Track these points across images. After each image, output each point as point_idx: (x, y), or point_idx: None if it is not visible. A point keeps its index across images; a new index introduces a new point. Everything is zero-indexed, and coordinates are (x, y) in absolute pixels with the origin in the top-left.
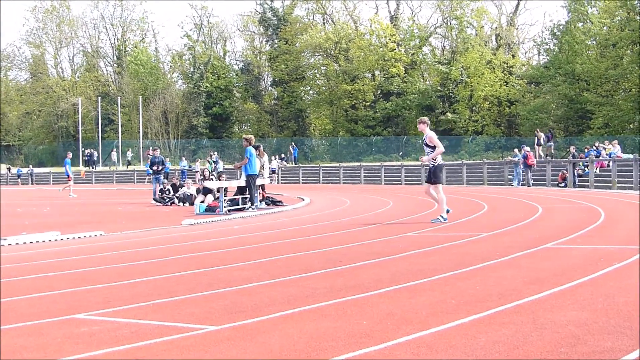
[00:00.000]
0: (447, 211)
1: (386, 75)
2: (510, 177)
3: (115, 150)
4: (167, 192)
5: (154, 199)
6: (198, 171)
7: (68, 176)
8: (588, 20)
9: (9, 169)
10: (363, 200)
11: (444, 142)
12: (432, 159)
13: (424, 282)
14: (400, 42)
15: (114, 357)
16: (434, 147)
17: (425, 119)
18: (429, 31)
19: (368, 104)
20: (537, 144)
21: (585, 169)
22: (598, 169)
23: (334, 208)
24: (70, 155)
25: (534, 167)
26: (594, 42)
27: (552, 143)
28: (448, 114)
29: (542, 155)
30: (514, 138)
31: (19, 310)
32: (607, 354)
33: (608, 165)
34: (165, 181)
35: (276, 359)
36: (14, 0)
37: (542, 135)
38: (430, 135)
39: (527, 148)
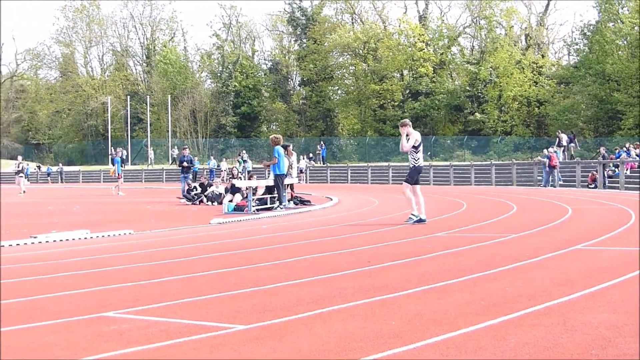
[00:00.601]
0: (415, 217)
1: (415, 75)
2: (540, 177)
3: (151, 148)
4: (194, 190)
5: (183, 196)
6: (224, 171)
7: (118, 175)
8: (619, 20)
9: (39, 167)
10: (391, 200)
11: (472, 143)
12: (413, 158)
13: (453, 283)
14: (429, 42)
15: (143, 355)
16: (416, 147)
17: (408, 120)
18: (457, 31)
19: (396, 103)
20: (558, 145)
21: (616, 170)
22: (628, 170)
23: (362, 208)
24: (120, 153)
25: (558, 168)
26: (625, 42)
27: (574, 144)
28: (477, 114)
29: (566, 156)
30: (543, 138)
31: (49, 308)
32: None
33: (639, 167)
34: (190, 181)
35: (305, 359)
36: None
37: (564, 137)
38: (415, 136)
39: (551, 149)
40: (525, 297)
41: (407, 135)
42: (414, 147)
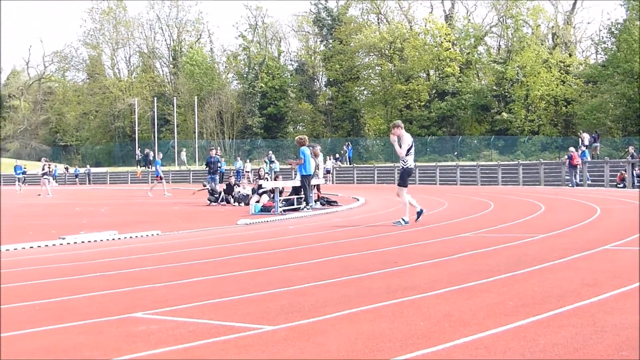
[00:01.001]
0: (405, 221)
1: (441, 75)
2: (567, 177)
3: (183, 150)
4: (217, 194)
5: (207, 199)
6: (249, 171)
7: (158, 176)
8: None
9: (66, 168)
10: (418, 201)
11: (499, 142)
12: (403, 160)
13: (481, 284)
14: (455, 42)
15: (172, 356)
16: (408, 150)
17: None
18: (484, 30)
19: (423, 103)
20: (580, 145)
21: None
22: None
23: (388, 208)
24: (160, 155)
25: (579, 168)
26: None
27: (598, 144)
28: (504, 113)
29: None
30: (570, 138)
31: (79, 309)
32: None
33: None
34: (213, 184)
35: None
36: (72, 0)
37: (586, 137)
38: (405, 138)
39: (572, 149)
40: (554, 298)
41: (398, 138)
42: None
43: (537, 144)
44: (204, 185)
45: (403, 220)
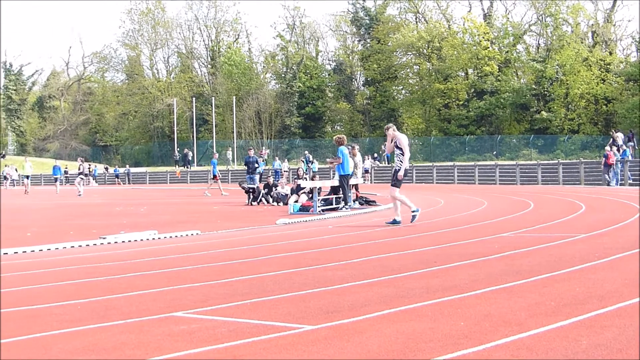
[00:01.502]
0: (396, 221)
1: (479, 74)
2: (607, 176)
3: (229, 149)
4: (255, 192)
5: (246, 195)
6: (287, 171)
7: (214, 176)
8: None
9: (106, 168)
10: (457, 200)
11: (539, 141)
12: (400, 161)
13: (522, 284)
14: (493, 40)
15: (212, 355)
16: (402, 149)
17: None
18: (523, 29)
19: (461, 102)
20: (612, 144)
21: None
22: None
23: (427, 208)
24: (216, 155)
25: (615, 167)
26: None
27: (633, 143)
28: (543, 112)
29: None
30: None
31: (120, 308)
32: None
33: None
34: (252, 183)
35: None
36: (111, 1)
37: (619, 136)
38: (400, 139)
39: (607, 148)
40: (596, 298)
41: (392, 139)
42: (400, 148)
43: (577, 142)
44: (243, 188)
45: (395, 220)
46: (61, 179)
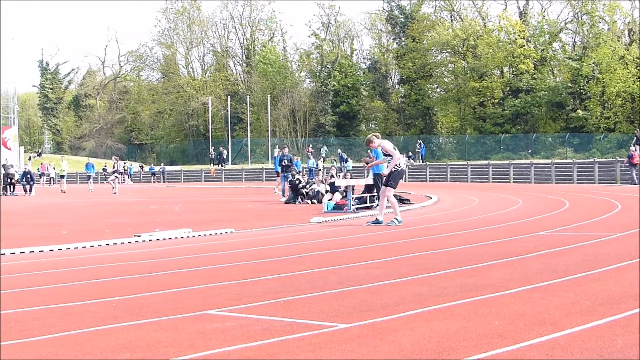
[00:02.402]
0: (397, 221)
1: (515, 72)
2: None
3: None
4: (299, 182)
5: (282, 196)
6: (321, 170)
7: (278, 173)
8: None
9: (141, 167)
10: (491, 199)
11: (574, 140)
12: (395, 165)
13: (557, 283)
14: (529, 38)
15: (247, 353)
16: (390, 156)
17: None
18: (559, 27)
19: (496, 101)
20: (636, 143)
21: None
22: None
23: (462, 207)
24: (277, 153)
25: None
26: None
27: None
28: (579, 110)
29: None
30: None
31: (154, 306)
32: None
33: None
34: (286, 182)
35: (407, 359)
36: (147, 0)
37: None
38: (384, 145)
39: (632, 148)
40: (632, 298)
41: (380, 147)
42: (387, 154)
43: (613, 141)
44: (291, 183)
45: (397, 220)
46: (94, 177)
